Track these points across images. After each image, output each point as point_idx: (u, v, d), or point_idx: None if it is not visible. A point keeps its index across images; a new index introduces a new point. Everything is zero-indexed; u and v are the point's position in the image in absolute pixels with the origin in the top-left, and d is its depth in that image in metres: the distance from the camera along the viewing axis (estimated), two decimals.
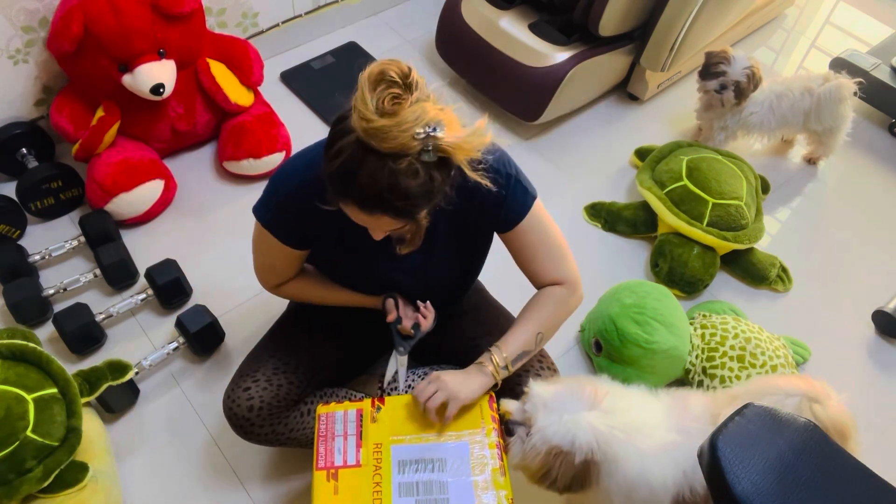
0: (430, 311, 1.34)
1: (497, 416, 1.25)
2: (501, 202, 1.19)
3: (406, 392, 1.37)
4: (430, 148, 0.94)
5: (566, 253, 1.29)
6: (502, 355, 1.24)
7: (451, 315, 1.48)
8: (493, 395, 1.27)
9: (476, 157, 1.02)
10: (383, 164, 0.95)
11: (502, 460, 1.20)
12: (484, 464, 1.19)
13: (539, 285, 1.31)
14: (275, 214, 1.22)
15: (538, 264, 1.27)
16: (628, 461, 1.16)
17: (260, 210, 1.24)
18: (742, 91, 2.07)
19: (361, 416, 1.24)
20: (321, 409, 1.26)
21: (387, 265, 1.29)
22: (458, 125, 0.99)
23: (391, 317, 1.33)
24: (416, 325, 1.33)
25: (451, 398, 1.20)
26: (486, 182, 1.06)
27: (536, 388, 1.20)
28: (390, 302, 1.34)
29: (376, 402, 1.27)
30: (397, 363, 1.33)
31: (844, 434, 1.21)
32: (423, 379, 1.32)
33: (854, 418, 1.26)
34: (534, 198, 1.23)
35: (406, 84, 0.94)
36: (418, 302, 1.34)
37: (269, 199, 1.22)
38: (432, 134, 0.93)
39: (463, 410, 1.23)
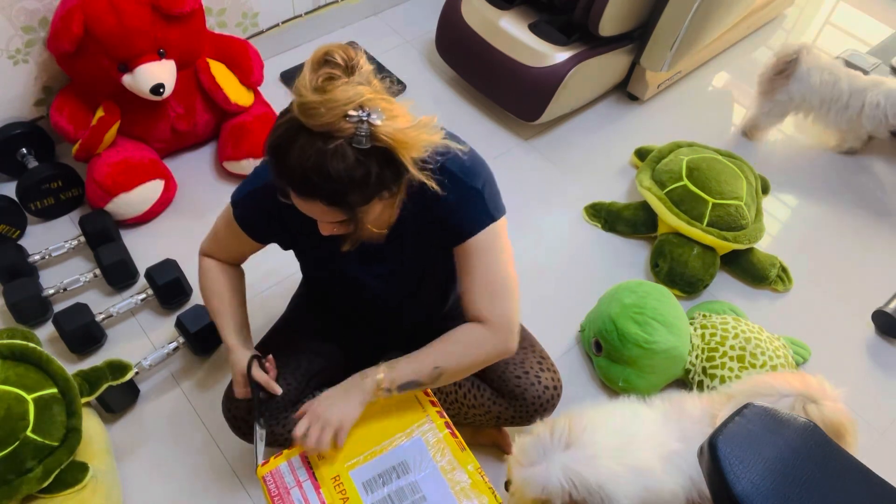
0: (271, 369, 1.26)
1: (434, 397, 1.24)
2: (451, 212, 1.13)
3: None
4: (363, 133, 0.91)
5: (507, 293, 1.16)
6: (391, 376, 1.16)
7: (451, 317, 1.47)
8: None
9: (422, 156, 0.99)
10: (313, 142, 0.93)
11: (456, 436, 1.19)
12: (442, 447, 1.18)
13: (466, 317, 1.19)
14: (247, 197, 1.22)
15: (469, 291, 1.16)
16: (625, 484, 1.15)
17: (237, 191, 1.23)
18: None
19: (307, 457, 1.20)
20: (262, 471, 1.20)
21: (359, 269, 1.27)
22: (407, 120, 0.96)
23: (243, 392, 1.25)
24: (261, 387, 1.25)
25: (338, 430, 1.15)
26: (431, 183, 1.02)
27: (518, 441, 1.17)
28: (254, 372, 1.24)
29: None
30: (257, 435, 1.25)
31: (841, 434, 1.20)
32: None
33: (853, 418, 1.25)
34: (493, 219, 1.13)
35: (348, 67, 0.93)
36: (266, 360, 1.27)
37: (248, 182, 1.22)
38: (365, 119, 0.91)
39: (399, 407, 1.21)
